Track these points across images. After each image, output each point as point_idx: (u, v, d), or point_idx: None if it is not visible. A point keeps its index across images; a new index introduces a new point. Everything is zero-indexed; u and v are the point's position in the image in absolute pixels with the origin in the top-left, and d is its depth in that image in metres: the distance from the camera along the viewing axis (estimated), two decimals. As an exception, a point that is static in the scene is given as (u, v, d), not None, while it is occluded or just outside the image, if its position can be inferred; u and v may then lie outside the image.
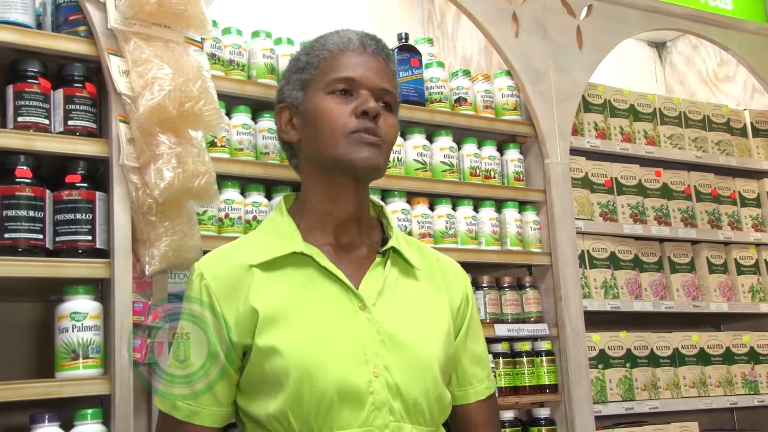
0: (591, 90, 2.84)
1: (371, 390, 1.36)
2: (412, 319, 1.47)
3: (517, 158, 2.58)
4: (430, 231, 2.36)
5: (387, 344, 1.40)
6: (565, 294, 2.50)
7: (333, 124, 1.45)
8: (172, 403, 1.42)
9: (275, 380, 1.36)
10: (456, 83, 2.55)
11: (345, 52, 1.51)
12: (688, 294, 2.90)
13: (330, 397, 1.34)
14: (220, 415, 1.42)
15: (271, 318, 1.38)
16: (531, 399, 2.44)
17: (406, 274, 1.52)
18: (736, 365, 2.91)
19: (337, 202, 1.49)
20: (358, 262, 1.49)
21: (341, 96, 1.47)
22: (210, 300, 1.41)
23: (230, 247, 1.52)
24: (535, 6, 2.67)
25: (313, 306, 1.41)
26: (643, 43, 3.66)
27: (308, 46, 1.57)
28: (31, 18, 1.84)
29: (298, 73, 1.54)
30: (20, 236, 1.73)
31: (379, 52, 1.54)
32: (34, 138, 1.78)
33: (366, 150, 1.44)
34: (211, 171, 1.87)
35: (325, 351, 1.37)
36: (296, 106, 1.53)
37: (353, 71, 1.48)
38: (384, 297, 1.46)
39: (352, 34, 1.54)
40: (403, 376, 1.39)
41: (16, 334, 1.96)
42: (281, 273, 1.43)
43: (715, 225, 3.00)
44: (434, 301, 1.53)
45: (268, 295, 1.40)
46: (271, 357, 1.36)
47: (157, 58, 1.82)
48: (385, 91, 1.51)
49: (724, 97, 3.42)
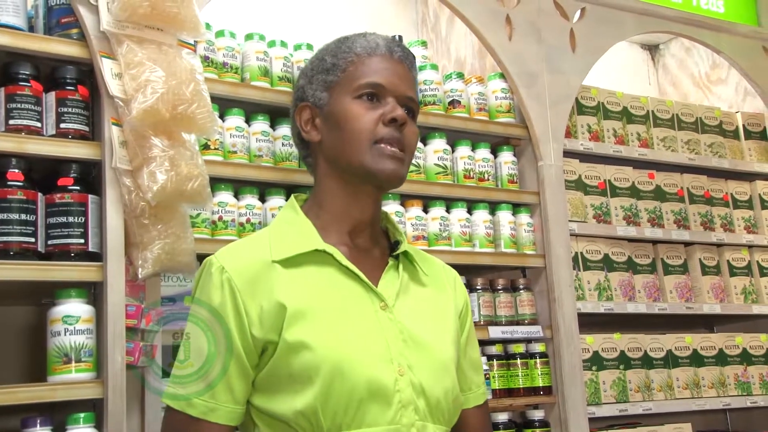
0: (584, 92, 2.84)
1: (398, 388, 1.37)
2: (426, 320, 1.49)
3: (510, 160, 2.59)
4: (424, 233, 2.36)
5: (409, 344, 1.42)
6: (559, 296, 2.51)
7: (360, 130, 1.45)
8: (187, 400, 1.37)
9: (304, 376, 1.34)
10: (450, 86, 2.55)
11: (372, 56, 1.51)
12: (681, 296, 2.90)
13: (360, 394, 1.34)
14: (237, 413, 1.39)
15: (299, 313, 1.37)
16: (525, 401, 2.44)
17: (415, 278, 1.54)
18: (729, 366, 2.92)
19: (355, 206, 1.50)
20: (373, 264, 1.50)
21: (368, 101, 1.47)
22: (233, 294, 1.38)
23: (247, 243, 1.51)
24: (529, 9, 2.68)
25: (338, 303, 1.41)
26: (636, 46, 3.67)
27: (334, 48, 1.56)
28: (23, 20, 1.84)
29: (323, 74, 1.53)
30: (12, 240, 1.72)
31: (405, 59, 1.54)
32: (26, 141, 1.77)
33: (390, 162, 1.45)
34: (205, 174, 1.86)
35: (354, 348, 1.37)
36: (320, 107, 1.52)
37: (381, 77, 1.48)
38: (401, 298, 1.47)
39: (379, 39, 1.54)
40: (426, 376, 1.41)
41: (8, 338, 1.95)
42: (303, 270, 1.43)
43: (708, 227, 3.01)
44: (443, 306, 1.55)
45: (294, 291, 1.39)
46: (300, 352, 1.35)
47: (150, 61, 1.82)
48: (410, 99, 1.52)
49: (716, 99, 3.43)
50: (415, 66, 1.59)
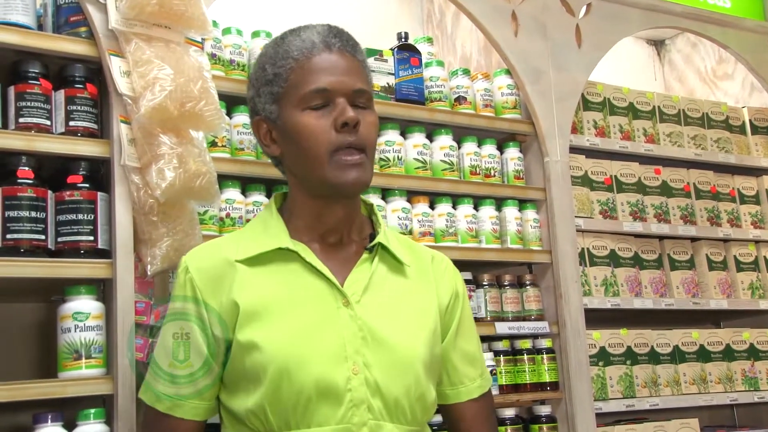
0: (590, 88, 2.84)
1: (349, 387, 1.36)
2: (397, 316, 1.46)
3: (516, 157, 2.59)
4: (431, 230, 2.37)
5: (368, 341, 1.40)
6: (566, 292, 2.51)
7: (315, 143, 1.42)
8: (155, 396, 1.43)
9: (254, 375, 1.37)
10: (456, 82, 2.55)
11: (311, 58, 1.45)
12: (687, 291, 2.90)
13: (308, 394, 1.35)
14: (202, 408, 1.43)
15: (252, 313, 1.39)
16: (532, 396, 2.44)
17: (394, 270, 1.51)
18: (736, 362, 2.92)
19: (325, 214, 1.48)
20: (346, 259, 1.49)
21: (317, 110, 1.43)
22: (194, 293, 1.42)
23: (217, 242, 1.54)
24: (535, 5, 2.68)
25: (295, 302, 1.41)
26: (642, 41, 3.66)
27: (272, 54, 1.50)
28: (32, 19, 1.85)
29: (268, 86, 1.48)
30: (22, 237, 1.73)
31: (345, 47, 1.48)
32: (36, 139, 1.78)
33: (352, 172, 1.42)
34: (212, 171, 1.87)
35: (304, 347, 1.37)
36: (273, 121, 1.49)
37: (325, 80, 1.43)
38: (369, 293, 1.45)
39: (314, 34, 1.48)
40: (383, 374, 1.38)
41: (19, 335, 1.96)
42: (266, 269, 1.44)
43: (715, 222, 3.01)
44: (422, 299, 1.52)
45: (251, 290, 1.41)
46: (250, 352, 1.37)
47: (158, 59, 1.83)
48: (360, 92, 1.46)
49: (722, 94, 3.43)
50: (358, 50, 1.52)
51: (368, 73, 1.52)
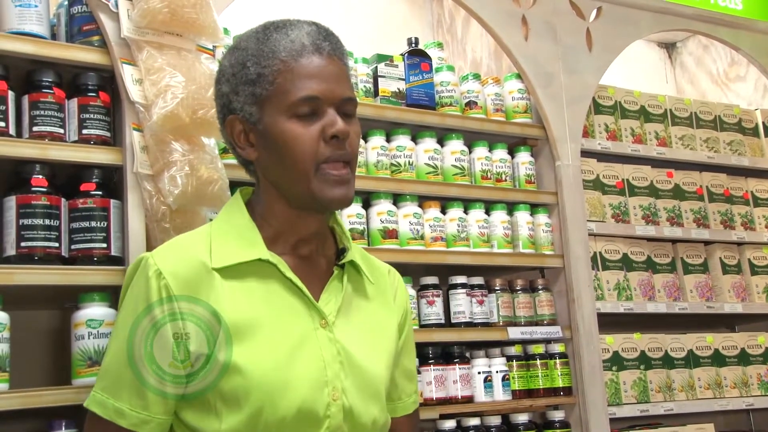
0: (601, 92, 2.84)
1: (328, 414, 1.32)
2: (366, 339, 1.41)
3: (528, 161, 2.59)
4: (442, 234, 2.37)
5: (345, 366, 1.35)
6: (578, 296, 2.50)
7: (301, 153, 1.32)
8: (117, 410, 1.28)
9: (232, 399, 1.28)
10: (466, 87, 2.56)
11: (300, 60, 1.34)
12: (701, 295, 2.89)
13: (289, 421, 1.29)
14: (167, 425, 1.31)
15: (234, 331, 1.29)
16: (545, 402, 2.43)
17: (360, 289, 1.45)
18: (752, 366, 2.90)
19: (300, 224, 1.40)
20: (317, 275, 1.41)
21: (306, 118, 1.34)
22: (170, 302, 1.28)
23: (185, 242, 1.39)
24: (545, 9, 2.68)
25: (276, 321, 1.33)
26: (653, 44, 3.65)
27: (255, 51, 1.37)
28: (46, 29, 1.86)
29: (249, 86, 1.36)
30: (36, 245, 1.74)
31: (335, 51, 1.39)
32: (49, 147, 1.79)
33: (338, 189, 1.34)
34: (224, 177, 1.88)
35: (287, 372, 1.30)
36: (252, 123, 1.36)
37: (315, 87, 1.33)
38: (342, 314, 1.39)
39: (303, 35, 1.37)
40: (356, 401, 1.35)
41: (33, 342, 1.97)
42: (243, 281, 1.33)
43: (728, 225, 2.99)
44: (385, 320, 1.47)
45: (232, 305, 1.30)
46: (231, 375, 1.28)
47: (170, 67, 1.84)
48: (348, 100, 1.37)
49: (735, 97, 3.41)
50: (344, 53, 1.43)
51: (350, 79, 1.44)
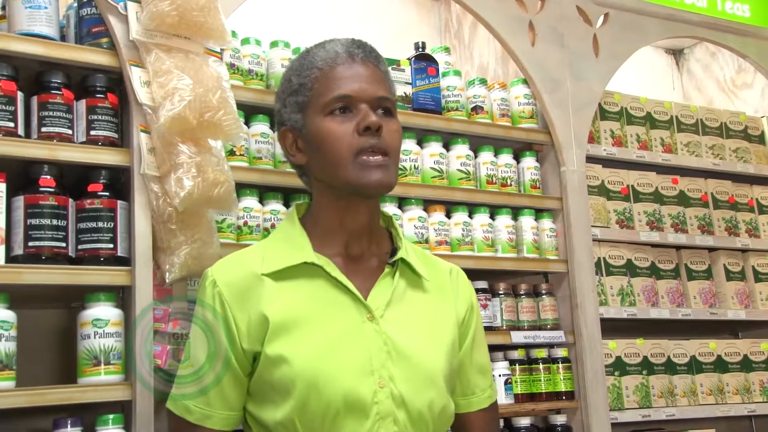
0: (607, 98, 2.84)
1: (376, 401, 1.38)
2: (418, 330, 1.48)
3: (533, 166, 2.59)
4: (447, 239, 2.38)
5: (393, 355, 1.42)
6: (582, 301, 2.51)
7: (338, 146, 1.45)
8: (185, 406, 1.45)
9: (283, 388, 1.39)
10: (473, 92, 2.56)
11: (335, 67, 1.49)
12: (705, 301, 2.89)
13: (336, 407, 1.37)
14: (231, 419, 1.45)
15: (281, 326, 1.41)
16: (547, 406, 2.44)
17: (414, 285, 1.54)
18: (754, 373, 2.90)
19: (348, 217, 1.50)
20: (368, 273, 1.51)
21: (340, 115, 1.46)
22: (223, 307, 1.43)
23: (242, 255, 1.54)
24: (552, 14, 2.68)
25: (322, 316, 1.43)
26: (661, 50, 3.66)
27: (297, 66, 1.55)
28: (55, 30, 1.88)
29: (293, 96, 1.52)
30: (44, 244, 1.76)
31: (368, 58, 1.52)
32: (58, 148, 1.81)
33: (376, 172, 1.44)
34: (231, 180, 1.89)
35: (332, 362, 1.39)
36: (298, 129, 1.52)
37: (348, 87, 1.47)
38: (391, 308, 1.47)
39: (338, 45, 1.52)
40: (407, 388, 1.41)
41: (40, 341, 1.99)
42: (292, 282, 1.45)
43: (733, 232, 3.00)
44: (441, 312, 1.54)
45: (279, 304, 1.42)
46: (279, 365, 1.39)
47: (178, 69, 1.85)
48: (383, 99, 1.49)
49: (742, 104, 3.41)
50: (381, 60, 1.56)
51: (391, 84, 1.56)
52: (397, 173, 1.50)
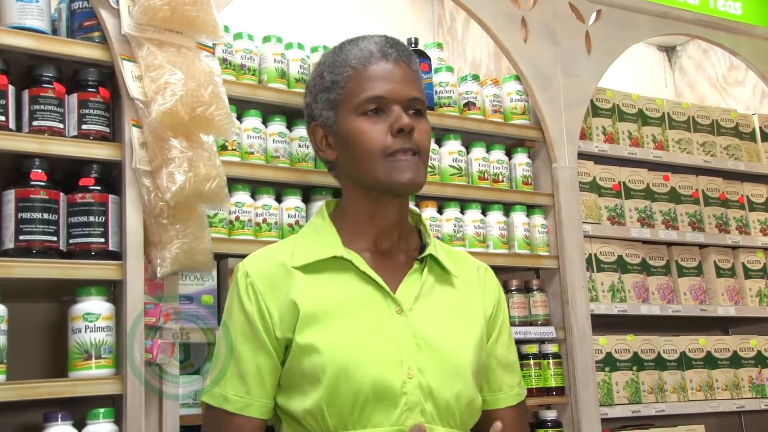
0: (599, 94, 2.85)
1: (405, 390, 1.40)
2: (446, 324, 1.50)
3: (525, 162, 2.60)
4: (439, 234, 2.38)
5: (422, 347, 1.44)
6: (573, 297, 2.52)
7: (370, 146, 1.48)
8: (224, 396, 1.45)
9: (313, 376, 1.41)
10: (465, 88, 2.57)
11: (368, 66, 1.51)
12: (695, 298, 2.91)
13: (365, 396, 1.39)
14: (268, 407, 1.47)
15: (311, 316, 1.43)
16: (538, 401, 2.45)
17: (442, 280, 1.56)
18: (743, 369, 2.92)
19: (378, 214, 1.53)
20: (397, 268, 1.53)
21: (374, 115, 1.49)
22: (256, 296, 1.46)
23: (272, 249, 1.57)
24: (544, 11, 2.69)
25: (351, 308, 1.45)
26: (653, 47, 3.66)
27: (330, 63, 1.56)
28: (47, 24, 1.87)
29: (325, 93, 1.55)
30: (35, 238, 1.76)
31: (401, 57, 1.54)
32: (49, 142, 1.81)
33: (407, 171, 1.47)
34: (222, 174, 1.89)
35: (362, 351, 1.41)
36: (329, 126, 1.55)
37: (381, 88, 1.49)
38: (420, 302, 1.49)
39: (371, 44, 1.54)
40: (436, 379, 1.43)
41: (30, 335, 1.99)
42: (321, 276, 1.48)
43: (723, 229, 3.01)
44: (469, 307, 1.56)
45: (309, 295, 1.45)
46: (310, 354, 1.41)
47: (170, 64, 1.85)
48: (415, 100, 1.52)
49: (733, 101, 3.43)
50: (414, 60, 1.58)
51: (422, 83, 1.58)
52: (426, 172, 1.53)
